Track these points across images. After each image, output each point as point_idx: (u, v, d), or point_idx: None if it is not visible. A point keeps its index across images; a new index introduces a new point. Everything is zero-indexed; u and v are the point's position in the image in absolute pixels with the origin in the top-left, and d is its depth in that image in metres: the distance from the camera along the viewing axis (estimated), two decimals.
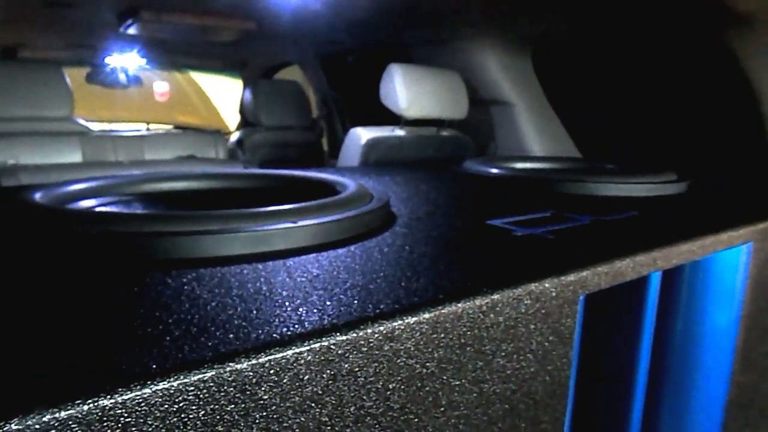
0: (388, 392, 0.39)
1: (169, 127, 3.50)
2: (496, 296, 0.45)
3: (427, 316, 0.41)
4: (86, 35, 2.30)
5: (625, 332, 0.70)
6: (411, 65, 1.69)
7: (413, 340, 0.40)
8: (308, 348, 0.35)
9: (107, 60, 2.77)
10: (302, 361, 0.34)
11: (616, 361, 0.70)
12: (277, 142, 2.49)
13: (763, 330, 0.87)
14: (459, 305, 0.42)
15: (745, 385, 0.86)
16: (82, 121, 2.03)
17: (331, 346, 0.36)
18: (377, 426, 0.39)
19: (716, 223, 0.75)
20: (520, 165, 1.31)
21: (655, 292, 0.70)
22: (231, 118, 3.95)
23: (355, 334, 0.37)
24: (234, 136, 2.57)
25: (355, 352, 0.37)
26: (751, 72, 1.30)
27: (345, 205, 0.65)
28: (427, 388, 0.42)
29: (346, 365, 0.36)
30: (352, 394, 0.37)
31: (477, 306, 0.44)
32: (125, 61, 2.80)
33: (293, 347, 0.34)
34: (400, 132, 1.70)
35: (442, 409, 0.43)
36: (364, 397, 0.38)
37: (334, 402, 0.36)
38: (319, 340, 0.35)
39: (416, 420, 0.42)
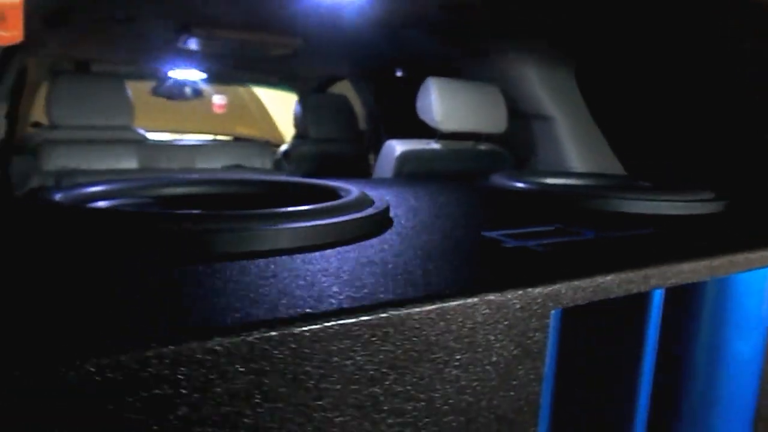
0: (320, 391, 0.39)
1: (224, 137, 3.65)
2: (447, 304, 0.44)
3: (365, 318, 0.40)
4: (150, 50, 2.45)
5: (622, 352, 0.66)
6: (448, 79, 1.69)
7: (348, 340, 0.40)
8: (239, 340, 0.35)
9: (171, 74, 2.93)
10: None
11: (612, 382, 0.67)
12: (322, 155, 2.54)
13: None
14: (403, 310, 0.42)
15: None
16: (140, 131, 2.16)
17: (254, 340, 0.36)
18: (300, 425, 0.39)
19: (740, 243, 0.71)
20: (549, 180, 1.27)
21: (657, 312, 0.66)
22: (288, 131, 4.08)
23: (285, 331, 0.37)
24: (282, 148, 2.65)
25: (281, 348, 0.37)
26: None
27: (333, 211, 0.66)
28: (365, 392, 0.41)
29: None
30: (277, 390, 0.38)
31: (425, 312, 0.43)
32: (187, 74, 2.95)
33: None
34: (435, 145, 1.70)
35: (383, 415, 0.43)
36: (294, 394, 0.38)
37: (259, 397, 0.37)
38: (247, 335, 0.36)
39: (354, 423, 0.41)
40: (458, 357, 0.46)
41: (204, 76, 3.05)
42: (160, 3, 1.74)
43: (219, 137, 3.67)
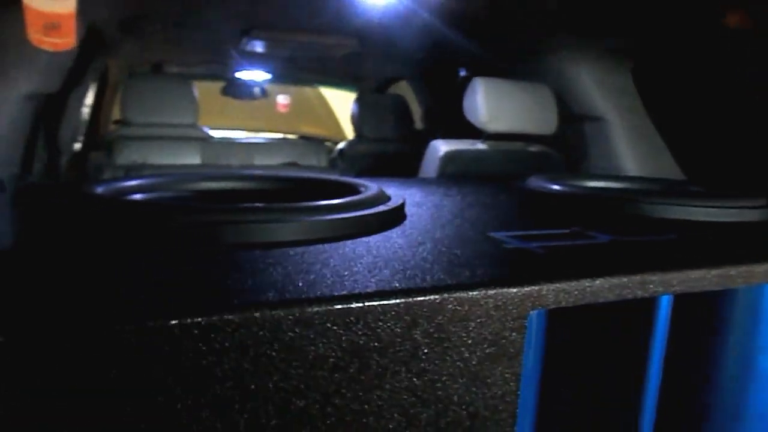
0: (281, 374, 0.42)
1: (290, 136, 3.77)
2: (412, 299, 0.45)
3: (328, 308, 0.43)
4: (216, 52, 2.59)
5: (624, 360, 0.64)
6: (496, 79, 1.68)
7: (309, 329, 0.42)
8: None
9: (238, 75, 3.08)
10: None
11: (613, 389, 0.65)
12: (377, 154, 2.58)
13: None
14: (366, 302, 0.44)
15: None
16: (205, 129, 2.29)
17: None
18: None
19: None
20: (590, 183, 1.24)
21: (664, 319, 0.63)
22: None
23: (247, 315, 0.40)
24: (339, 146, 2.71)
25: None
26: None
27: (335, 209, 0.69)
28: (328, 378, 0.44)
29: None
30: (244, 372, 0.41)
31: (389, 305, 0.45)
32: (253, 75, 3.09)
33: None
34: (481, 146, 1.69)
35: (346, 401, 0.45)
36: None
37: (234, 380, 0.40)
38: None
39: (317, 406, 0.44)
40: (426, 351, 0.47)
41: (269, 76, 3.17)
42: (222, 9, 1.84)
43: (287, 136, 3.81)
